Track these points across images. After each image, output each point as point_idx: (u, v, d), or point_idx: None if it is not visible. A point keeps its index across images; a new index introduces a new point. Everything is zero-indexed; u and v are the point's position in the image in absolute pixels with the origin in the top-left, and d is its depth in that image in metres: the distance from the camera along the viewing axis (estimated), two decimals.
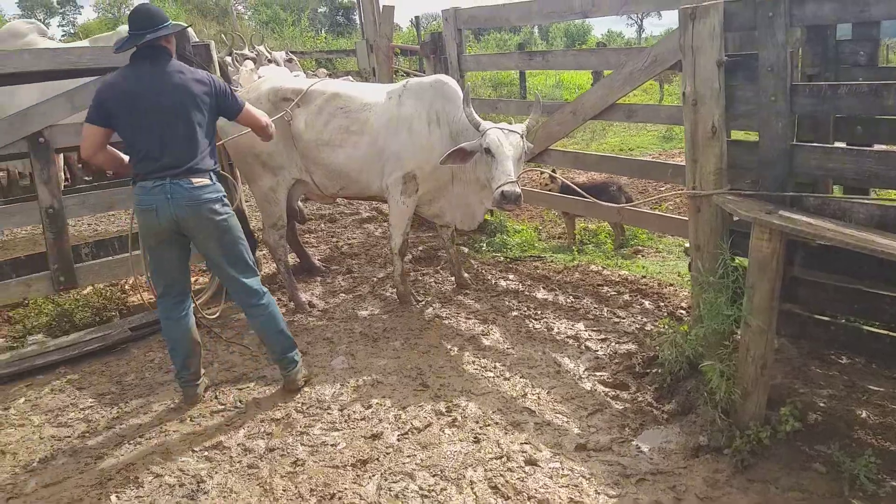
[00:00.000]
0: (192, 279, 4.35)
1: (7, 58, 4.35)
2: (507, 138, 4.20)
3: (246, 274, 3.65)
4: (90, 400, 3.88)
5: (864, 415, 3.20)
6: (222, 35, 12.31)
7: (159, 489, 3.05)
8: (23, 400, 3.91)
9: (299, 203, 5.49)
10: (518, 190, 4.06)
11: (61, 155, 6.83)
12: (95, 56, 4.53)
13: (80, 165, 9.67)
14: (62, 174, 7.16)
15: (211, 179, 3.49)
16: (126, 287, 5.30)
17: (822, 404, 3.31)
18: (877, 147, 3.35)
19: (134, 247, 3.91)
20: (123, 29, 7.61)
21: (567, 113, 5.24)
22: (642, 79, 4.65)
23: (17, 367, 4.18)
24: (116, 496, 3.01)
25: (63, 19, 64.14)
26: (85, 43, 7.53)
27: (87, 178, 9.48)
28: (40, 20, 64.12)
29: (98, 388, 4.02)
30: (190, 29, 5.18)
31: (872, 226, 2.93)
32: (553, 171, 6.29)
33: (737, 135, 3.92)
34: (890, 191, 4.51)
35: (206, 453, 3.30)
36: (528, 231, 6.54)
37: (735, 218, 3.28)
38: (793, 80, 3.16)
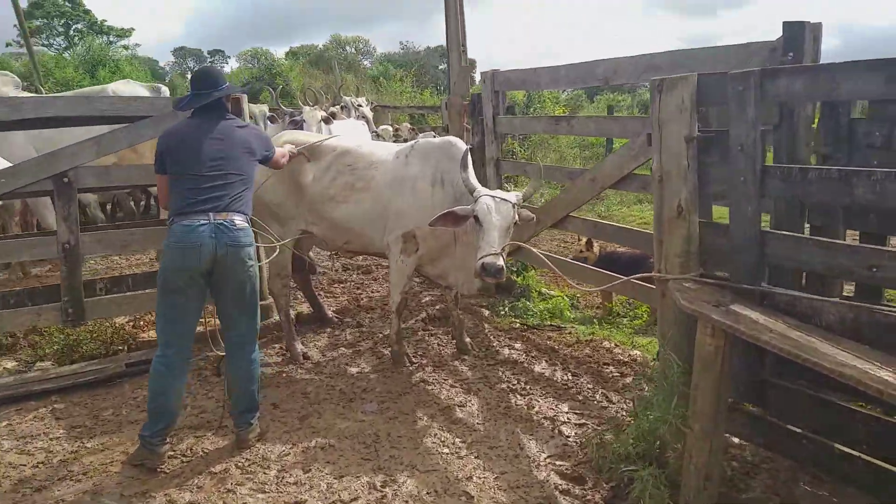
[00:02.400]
0: None
1: (48, 103, 4.73)
2: (496, 207, 4.05)
3: (252, 322, 3.71)
4: (61, 431, 3.99)
5: None
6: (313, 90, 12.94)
7: None
8: (5, 423, 4.08)
9: (310, 254, 5.54)
10: (500, 263, 3.89)
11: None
12: (122, 105, 4.82)
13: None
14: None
15: (248, 223, 3.64)
16: (140, 323, 5.50)
17: None
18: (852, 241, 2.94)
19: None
20: (110, 87, 8.00)
21: (587, 180, 5.02)
22: None
23: (13, 391, 4.39)
24: None
25: None
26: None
27: None
28: (190, 68, 70.53)
29: (74, 419, 4.14)
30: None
31: (844, 330, 2.56)
32: (589, 240, 6.04)
33: None
34: None
35: (131, 499, 3.29)
36: (560, 297, 6.24)
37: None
38: (775, 161, 2.87)
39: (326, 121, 9.59)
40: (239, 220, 3.54)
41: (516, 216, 4.11)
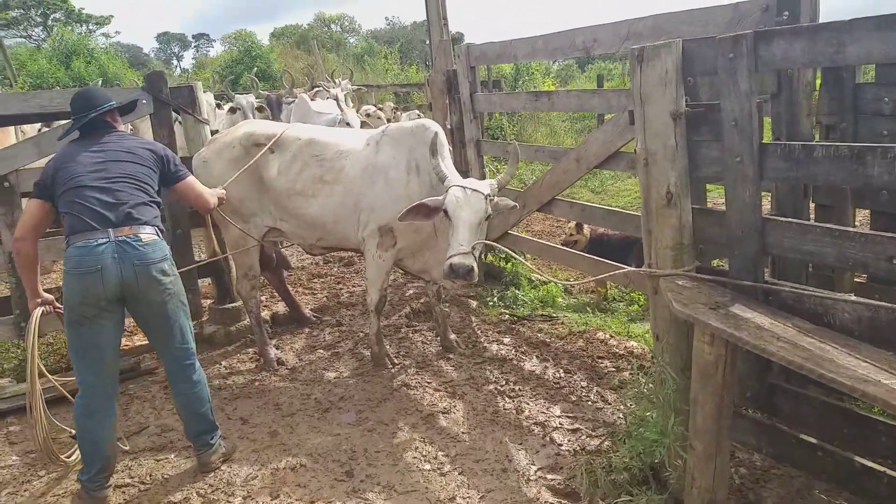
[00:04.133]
0: None
1: None
2: (466, 200, 3.71)
3: (183, 343, 3.31)
4: (14, 457, 3.71)
5: None
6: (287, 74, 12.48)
7: None
8: None
9: (282, 250, 5.21)
10: (469, 262, 3.56)
11: None
12: (66, 100, 4.45)
13: None
14: None
15: (158, 235, 3.22)
16: None
17: None
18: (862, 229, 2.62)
19: None
20: None
21: (571, 160, 4.67)
22: None
23: None
24: None
25: (197, 52, 69.06)
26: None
27: None
28: (175, 53, 69.19)
29: (29, 443, 3.80)
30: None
31: (861, 331, 2.24)
32: (578, 223, 5.71)
33: None
34: None
35: None
36: (552, 285, 5.88)
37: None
38: (774, 134, 2.53)
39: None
40: (145, 234, 3.11)
41: (489, 208, 3.77)
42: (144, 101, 4.54)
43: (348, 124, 7.62)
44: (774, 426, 2.70)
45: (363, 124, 7.97)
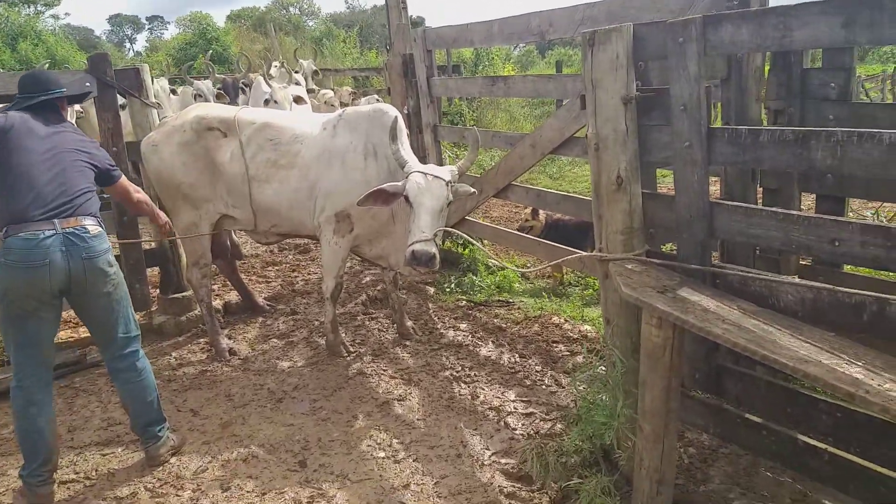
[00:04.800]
0: None
1: None
2: (428, 186, 3.67)
3: (127, 333, 3.23)
4: None
5: None
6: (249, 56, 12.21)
7: None
8: None
9: (233, 237, 5.11)
10: (431, 250, 3.54)
11: None
12: (5, 83, 4.27)
13: None
14: None
15: (101, 226, 3.12)
16: None
17: None
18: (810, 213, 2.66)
19: None
20: None
21: (527, 146, 4.66)
22: None
23: None
24: None
25: (150, 34, 67.08)
26: None
27: None
28: (128, 35, 67.06)
29: None
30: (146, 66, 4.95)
31: (804, 313, 2.27)
32: (534, 209, 5.71)
33: None
34: None
35: None
36: (509, 272, 5.90)
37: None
38: (724, 118, 2.54)
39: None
40: (91, 226, 3.02)
41: (450, 194, 3.74)
42: (88, 84, 4.38)
43: (276, 102, 7.47)
44: (721, 407, 2.73)
45: (298, 99, 7.79)
